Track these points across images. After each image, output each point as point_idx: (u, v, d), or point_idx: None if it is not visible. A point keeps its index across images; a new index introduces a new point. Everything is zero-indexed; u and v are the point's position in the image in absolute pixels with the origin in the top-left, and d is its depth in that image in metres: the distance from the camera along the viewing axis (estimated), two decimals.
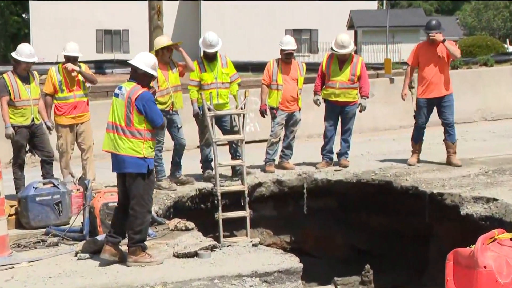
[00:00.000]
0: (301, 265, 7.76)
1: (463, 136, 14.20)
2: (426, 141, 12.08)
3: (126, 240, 7.78)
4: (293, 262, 7.80)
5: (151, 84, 7.90)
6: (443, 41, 11.21)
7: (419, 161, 11.81)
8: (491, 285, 4.78)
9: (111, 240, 7.75)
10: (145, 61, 7.67)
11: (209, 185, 10.99)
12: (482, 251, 4.87)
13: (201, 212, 10.89)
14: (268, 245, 10.49)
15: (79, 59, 10.73)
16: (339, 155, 11.92)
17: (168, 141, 10.87)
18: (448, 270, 5.14)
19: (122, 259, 7.73)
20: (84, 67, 10.74)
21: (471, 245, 5.03)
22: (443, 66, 11.36)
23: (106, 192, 8.92)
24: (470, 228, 9.66)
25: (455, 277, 5.04)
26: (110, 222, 8.22)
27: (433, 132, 11.71)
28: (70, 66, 10.50)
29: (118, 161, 7.63)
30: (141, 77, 7.66)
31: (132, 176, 7.59)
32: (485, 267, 4.80)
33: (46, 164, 10.49)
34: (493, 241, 5.07)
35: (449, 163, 11.69)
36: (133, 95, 7.53)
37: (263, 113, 11.62)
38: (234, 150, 11.21)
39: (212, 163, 10.94)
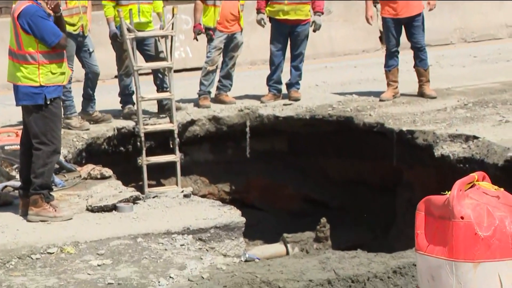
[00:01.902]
0: (243, 220, 7.83)
1: (438, 62, 14.34)
2: None
3: None
4: (233, 216, 7.87)
5: None
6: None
7: (396, 96, 11.79)
8: (469, 238, 4.84)
9: (23, 193, 7.72)
10: None
11: (130, 124, 10.95)
12: (459, 198, 4.92)
13: (120, 157, 10.88)
14: (203, 196, 10.55)
15: None
16: (289, 85, 11.95)
17: (78, 70, 10.76)
18: (418, 222, 5.19)
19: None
20: None
21: (446, 192, 5.09)
22: None
23: (1, 133, 8.83)
24: (446, 172, 9.85)
25: (426, 231, 5.09)
26: (6, 169, 8.13)
27: (402, 56, 11.77)
28: None
29: (15, 93, 7.62)
30: None
31: (28, 110, 7.54)
32: (462, 217, 4.85)
33: None
34: (472, 186, 5.14)
35: (421, 94, 11.80)
36: (16, 12, 7.43)
37: (196, 35, 11.55)
38: (161, 81, 11.16)
39: (134, 97, 10.89)
